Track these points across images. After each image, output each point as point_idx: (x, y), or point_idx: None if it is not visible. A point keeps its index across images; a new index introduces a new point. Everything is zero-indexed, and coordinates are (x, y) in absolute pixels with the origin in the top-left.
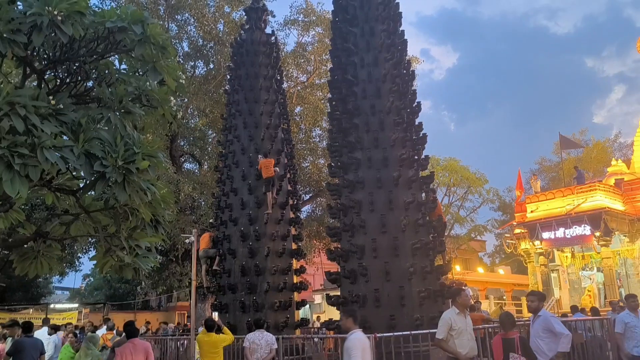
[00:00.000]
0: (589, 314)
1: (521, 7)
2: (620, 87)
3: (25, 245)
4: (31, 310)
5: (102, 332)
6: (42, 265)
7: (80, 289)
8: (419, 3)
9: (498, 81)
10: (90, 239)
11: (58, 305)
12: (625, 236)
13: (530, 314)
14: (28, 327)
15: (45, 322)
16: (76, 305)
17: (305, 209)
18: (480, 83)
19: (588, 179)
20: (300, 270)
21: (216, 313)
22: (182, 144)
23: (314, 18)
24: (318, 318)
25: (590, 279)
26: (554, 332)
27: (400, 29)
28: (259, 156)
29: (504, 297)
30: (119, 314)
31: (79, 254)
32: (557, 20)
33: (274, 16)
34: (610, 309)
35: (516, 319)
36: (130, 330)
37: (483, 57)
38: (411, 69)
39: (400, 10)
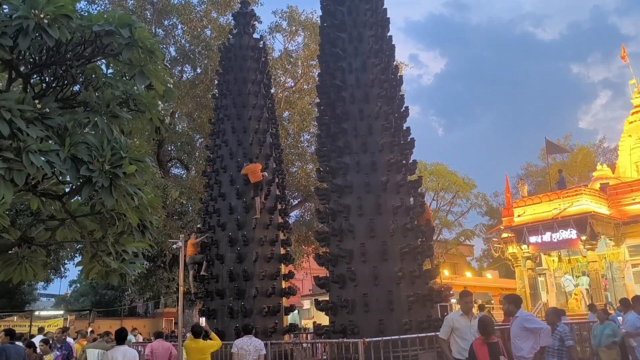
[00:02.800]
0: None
1: (507, 14)
2: (605, 93)
3: (10, 251)
4: (15, 317)
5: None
6: (27, 271)
7: (65, 295)
8: (407, 9)
9: (485, 87)
10: (76, 245)
11: (43, 313)
12: (610, 240)
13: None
14: (12, 334)
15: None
16: (61, 312)
17: (294, 214)
18: (468, 88)
19: (573, 183)
20: (289, 276)
21: (204, 319)
22: (169, 149)
23: (299, 23)
24: (314, 324)
25: (575, 283)
26: (530, 330)
27: (388, 34)
28: (245, 163)
29: (492, 302)
30: (105, 320)
31: (65, 260)
32: (542, 27)
33: (260, 22)
34: (589, 312)
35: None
36: (158, 334)
37: (470, 62)
38: (399, 74)
39: (388, 16)
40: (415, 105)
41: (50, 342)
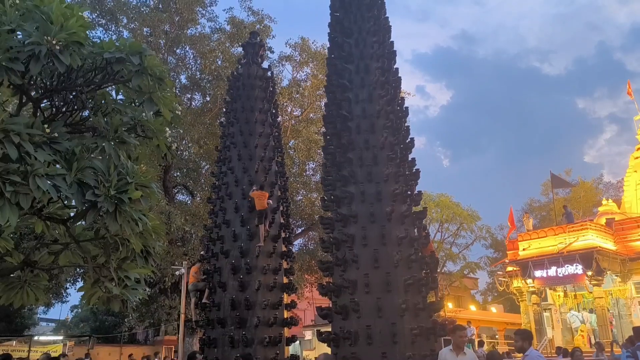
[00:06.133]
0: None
1: (513, 48)
2: (611, 128)
3: (12, 274)
4: (14, 342)
5: None
6: (29, 295)
7: (66, 320)
8: (414, 41)
9: (491, 119)
10: (77, 270)
11: (42, 337)
12: (617, 276)
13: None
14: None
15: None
16: (61, 337)
17: (298, 243)
18: (474, 121)
19: (578, 218)
20: (291, 305)
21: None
22: (175, 175)
23: (308, 54)
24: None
25: (580, 319)
26: None
27: (395, 66)
28: (253, 187)
29: (497, 336)
30: (105, 347)
31: (66, 285)
32: (548, 62)
33: (272, 52)
34: (595, 350)
35: (509, 358)
36: None
37: (476, 95)
38: (405, 105)
39: (394, 49)
40: (422, 136)
41: None
